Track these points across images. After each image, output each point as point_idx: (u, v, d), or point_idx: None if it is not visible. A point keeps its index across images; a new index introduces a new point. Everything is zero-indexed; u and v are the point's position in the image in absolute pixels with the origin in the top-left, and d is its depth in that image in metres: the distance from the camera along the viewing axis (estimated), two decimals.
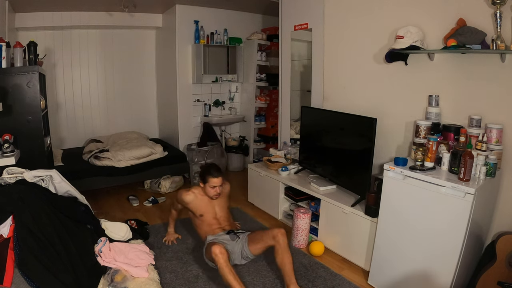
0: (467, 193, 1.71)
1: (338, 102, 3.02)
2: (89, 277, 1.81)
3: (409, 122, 2.44)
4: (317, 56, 3.18)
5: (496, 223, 2.06)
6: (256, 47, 4.48)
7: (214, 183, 2.45)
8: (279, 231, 2.23)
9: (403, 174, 1.99)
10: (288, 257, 2.16)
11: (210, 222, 2.51)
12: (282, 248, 2.17)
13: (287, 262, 2.14)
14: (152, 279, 1.99)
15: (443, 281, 1.85)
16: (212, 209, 2.54)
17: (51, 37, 4.14)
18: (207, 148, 4.23)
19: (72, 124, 4.47)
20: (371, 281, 2.27)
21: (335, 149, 2.90)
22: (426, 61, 2.29)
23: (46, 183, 2.09)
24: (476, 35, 1.91)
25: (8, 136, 2.17)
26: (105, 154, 3.66)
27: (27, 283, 1.56)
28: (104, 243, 2.04)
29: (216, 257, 2.07)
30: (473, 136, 1.95)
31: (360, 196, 2.52)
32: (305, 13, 3.27)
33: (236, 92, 4.91)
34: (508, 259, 1.75)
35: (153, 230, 2.96)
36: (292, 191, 3.09)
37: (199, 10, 4.30)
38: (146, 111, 5.03)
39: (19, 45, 2.36)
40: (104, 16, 4.15)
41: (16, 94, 2.32)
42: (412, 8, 2.34)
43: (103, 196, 3.79)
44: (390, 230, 2.11)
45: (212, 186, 2.45)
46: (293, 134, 3.75)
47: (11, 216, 1.71)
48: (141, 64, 4.85)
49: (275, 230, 2.24)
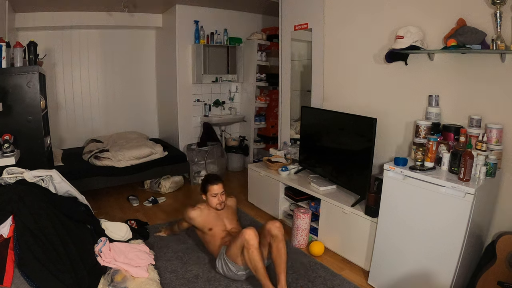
0: (467, 193, 1.71)
1: (338, 102, 3.02)
2: (89, 277, 1.81)
3: (409, 122, 2.44)
4: (317, 56, 3.18)
5: (496, 223, 2.06)
6: (256, 47, 4.48)
7: (215, 190, 2.44)
8: (273, 224, 2.17)
9: (403, 174, 1.99)
10: (283, 248, 2.10)
11: (221, 235, 2.43)
12: (278, 240, 2.12)
13: (282, 254, 2.09)
14: (152, 279, 1.99)
15: (443, 281, 1.85)
16: (221, 222, 2.47)
17: (51, 37, 4.14)
18: (207, 148, 4.23)
19: (72, 124, 4.47)
20: (371, 281, 2.27)
21: (335, 149, 2.90)
22: (426, 61, 2.29)
23: (46, 183, 2.09)
24: (476, 35, 1.91)
25: (8, 136, 2.17)
26: (105, 154, 3.66)
27: (27, 283, 1.56)
28: (104, 243, 2.04)
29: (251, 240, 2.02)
30: (473, 136, 1.95)
31: (360, 196, 2.52)
32: (305, 13, 3.27)
33: (236, 92, 4.91)
34: (508, 259, 1.75)
35: (153, 230, 2.96)
36: (292, 191, 3.09)
37: (199, 10, 4.30)
38: (146, 111, 5.03)
39: (19, 45, 2.36)
40: (104, 16, 4.15)
41: (16, 94, 2.32)
42: (412, 8, 2.34)
43: (103, 196, 3.79)
44: (390, 230, 2.11)
45: (213, 194, 2.44)
46: (293, 134, 3.75)
47: (11, 216, 1.71)
48: (141, 64, 4.85)
49: (269, 224, 2.18)
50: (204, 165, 4.23)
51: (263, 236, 2.20)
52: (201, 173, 4.26)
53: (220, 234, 2.43)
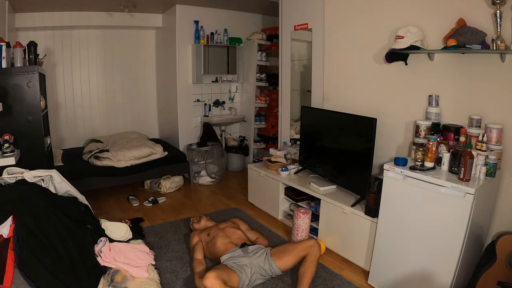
0: (467, 193, 1.71)
1: (338, 102, 3.02)
2: (89, 277, 1.81)
3: (409, 122, 2.44)
4: (317, 56, 3.18)
5: (496, 223, 2.06)
6: (256, 47, 4.48)
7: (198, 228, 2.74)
8: (315, 242, 2.16)
9: (403, 174, 1.99)
10: (312, 269, 2.07)
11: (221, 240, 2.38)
12: (312, 258, 2.09)
13: (309, 273, 2.05)
14: (152, 279, 1.99)
15: (443, 281, 1.85)
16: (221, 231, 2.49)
17: (51, 37, 4.14)
18: (207, 148, 4.23)
19: (72, 124, 4.47)
20: (371, 281, 2.27)
21: (335, 149, 2.90)
22: (426, 61, 2.29)
23: (46, 183, 2.09)
24: (476, 35, 1.91)
25: (8, 136, 2.17)
26: (105, 154, 3.66)
27: (27, 283, 1.56)
28: (104, 243, 2.04)
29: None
30: (473, 136, 1.94)
31: (360, 196, 2.52)
32: (305, 13, 3.27)
33: (236, 92, 4.91)
34: (508, 259, 1.75)
35: (153, 230, 2.96)
36: (292, 191, 3.09)
37: (199, 10, 4.30)
38: (146, 111, 5.03)
39: (19, 45, 2.36)
40: (104, 16, 4.15)
41: (16, 94, 2.32)
42: (412, 8, 2.34)
43: (103, 196, 3.79)
44: (390, 230, 2.11)
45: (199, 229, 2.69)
46: (293, 134, 3.75)
47: (11, 216, 1.71)
48: (141, 64, 4.85)
49: (312, 241, 2.17)
50: (204, 165, 4.23)
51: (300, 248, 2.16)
52: (201, 173, 4.26)
53: (219, 239, 2.40)
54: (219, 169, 4.33)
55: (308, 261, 2.09)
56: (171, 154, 4.07)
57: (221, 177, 4.44)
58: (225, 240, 2.38)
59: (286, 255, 2.17)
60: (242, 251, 2.23)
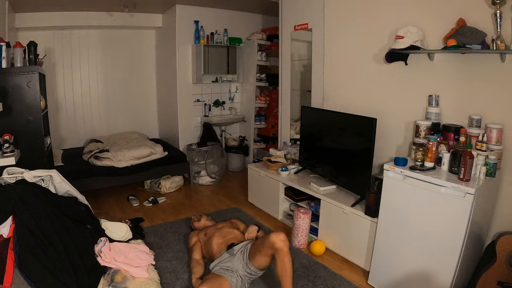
0: (467, 193, 1.71)
1: (338, 102, 3.02)
2: (89, 277, 1.81)
3: (409, 122, 2.44)
4: (317, 56, 3.18)
5: (496, 223, 2.06)
6: (256, 47, 4.48)
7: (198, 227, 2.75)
8: (277, 236, 1.93)
9: (403, 174, 1.99)
10: (287, 267, 1.91)
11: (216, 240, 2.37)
12: (281, 257, 1.92)
13: (286, 274, 1.90)
14: (152, 279, 1.99)
15: (443, 281, 1.85)
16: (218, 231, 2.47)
17: (51, 37, 4.14)
18: (207, 148, 4.23)
19: (72, 124, 4.47)
20: (371, 281, 2.27)
21: (335, 149, 2.90)
22: (426, 61, 2.29)
23: (46, 183, 2.09)
24: (476, 35, 1.91)
25: (8, 136, 2.17)
26: (105, 154, 3.66)
27: (27, 283, 1.56)
28: (104, 243, 2.04)
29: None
30: (473, 136, 1.95)
31: (360, 196, 2.52)
32: (305, 13, 3.27)
33: (236, 92, 4.91)
34: (508, 259, 1.75)
35: (153, 230, 2.96)
36: (292, 191, 3.09)
37: (199, 10, 4.30)
38: (146, 111, 5.03)
39: (19, 45, 2.36)
40: (104, 16, 4.15)
41: (16, 94, 2.32)
42: (412, 8, 2.34)
43: (103, 196, 3.79)
44: (390, 230, 2.11)
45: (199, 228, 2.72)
46: (293, 134, 3.75)
47: (11, 216, 1.71)
48: (141, 64, 4.85)
49: (273, 236, 1.94)
50: (204, 165, 4.23)
51: (265, 246, 1.99)
52: (201, 173, 4.26)
53: (215, 238, 2.39)
54: (219, 169, 4.33)
55: (278, 260, 1.93)
56: (171, 154, 4.07)
57: (221, 177, 4.44)
58: (220, 240, 2.36)
59: (257, 255, 2.06)
60: (228, 254, 2.19)
